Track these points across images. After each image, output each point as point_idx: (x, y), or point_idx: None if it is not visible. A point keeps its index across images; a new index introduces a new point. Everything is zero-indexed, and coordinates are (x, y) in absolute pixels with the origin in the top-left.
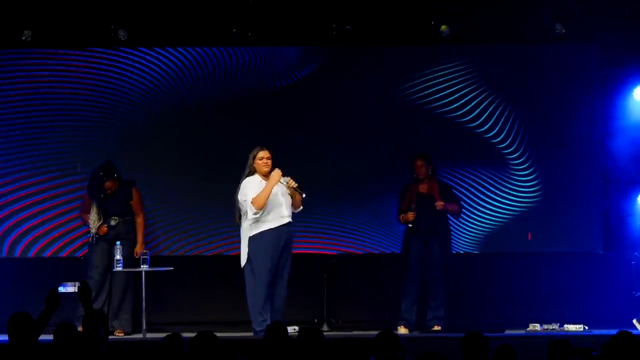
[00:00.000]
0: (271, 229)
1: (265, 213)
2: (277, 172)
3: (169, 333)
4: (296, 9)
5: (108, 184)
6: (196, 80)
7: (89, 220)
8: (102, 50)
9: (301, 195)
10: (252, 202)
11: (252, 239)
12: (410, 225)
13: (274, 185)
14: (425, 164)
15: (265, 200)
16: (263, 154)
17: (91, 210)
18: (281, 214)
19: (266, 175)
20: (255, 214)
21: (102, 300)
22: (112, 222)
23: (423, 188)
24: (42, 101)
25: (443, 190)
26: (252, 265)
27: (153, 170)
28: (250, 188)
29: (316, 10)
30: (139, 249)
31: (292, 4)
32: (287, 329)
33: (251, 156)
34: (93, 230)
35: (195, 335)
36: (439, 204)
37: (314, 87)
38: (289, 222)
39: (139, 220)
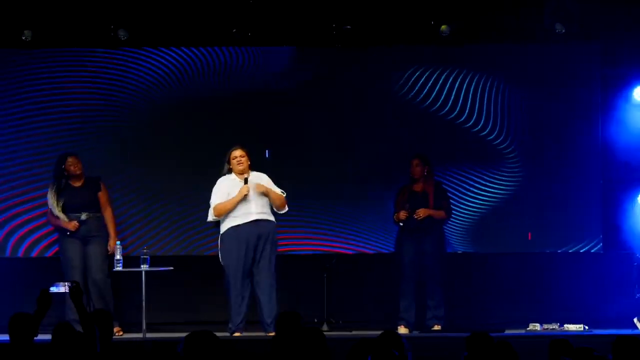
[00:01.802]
0: (238, 225)
1: (232, 210)
2: (245, 188)
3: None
4: (295, 9)
5: (70, 159)
6: (196, 80)
7: (51, 201)
8: (102, 50)
9: (245, 182)
10: (213, 208)
11: (222, 237)
12: (401, 225)
13: (239, 199)
14: (421, 164)
15: (226, 211)
16: (236, 152)
17: (50, 192)
18: (248, 210)
19: (241, 174)
20: (213, 219)
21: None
22: (83, 217)
23: (417, 187)
24: (41, 101)
25: (438, 192)
26: (223, 263)
27: (152, 170)
28: (219, 190)
29: (316, 10)
30: (112, 242)
31: (291, 4)
32: (299, 321)
33: (227, 156)
34: (56, 212)
35: (193, 335)
36: (419, 214)
37: (313, 87)
38: (262, 220)
39: (108, 214)
